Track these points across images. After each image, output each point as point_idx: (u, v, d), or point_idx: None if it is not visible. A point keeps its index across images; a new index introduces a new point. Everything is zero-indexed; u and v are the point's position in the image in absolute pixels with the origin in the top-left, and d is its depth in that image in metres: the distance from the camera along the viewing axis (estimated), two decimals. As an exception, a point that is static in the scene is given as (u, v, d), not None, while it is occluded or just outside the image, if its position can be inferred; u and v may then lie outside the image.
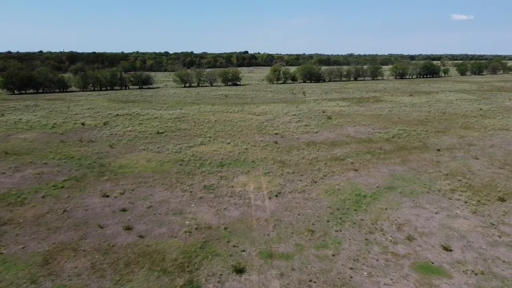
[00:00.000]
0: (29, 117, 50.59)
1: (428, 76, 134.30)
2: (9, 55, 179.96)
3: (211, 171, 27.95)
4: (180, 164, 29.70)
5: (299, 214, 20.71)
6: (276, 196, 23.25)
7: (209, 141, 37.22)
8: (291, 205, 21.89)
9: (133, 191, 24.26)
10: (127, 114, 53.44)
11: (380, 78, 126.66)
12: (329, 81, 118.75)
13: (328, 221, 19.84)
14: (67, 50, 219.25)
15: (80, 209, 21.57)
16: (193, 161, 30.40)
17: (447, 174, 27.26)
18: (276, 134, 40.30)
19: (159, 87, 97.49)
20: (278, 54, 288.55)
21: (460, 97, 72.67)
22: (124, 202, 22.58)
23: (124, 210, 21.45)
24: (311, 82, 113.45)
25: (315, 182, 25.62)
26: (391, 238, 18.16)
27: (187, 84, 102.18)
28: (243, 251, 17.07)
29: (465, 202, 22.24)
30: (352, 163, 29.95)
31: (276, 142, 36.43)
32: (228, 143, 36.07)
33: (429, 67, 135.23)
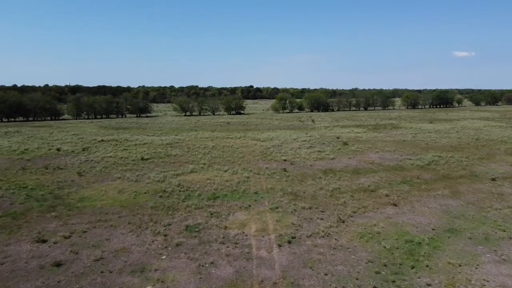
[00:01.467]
0: (1, 143, 44.19)
1: (442, 106, 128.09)
2: (10, 87, 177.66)
3: (198, 206, 20.70)
4: (160, 196, 22.55)
5: (326, 274, 13.25)
6: (289, 242, 15.86)
7: (202, 168, 30.16)
8: (313, 258, 14.45)
9: (84, 233, 17.02)
10: (113, 140, 46.88)
11: (391, 107, 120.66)
12: (338, 110, 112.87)
13: (375, 288, 12.35)
14: (73, 84, 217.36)
15: (-6, 263, 14.30)
16: (178, 192, 23.23)
17: (523, 211, 19.77)
18: (285, 160, 33.21)
19: (157, 116, 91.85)
20: (284, 88, 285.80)
21: (487, 124, 65.63)
22: (64, 251, 15.29)
23: (58, 264, 14.13)
24: (318, 112, 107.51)
25: (343, 222, 18.23)
26: (491, 323, 10.59)
27: (188, 113, 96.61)
28: None
29: None
30: (387, 195, 22.58)
31: (285, 170, 29.29)
32: (226, 171, 28.99)
33: (442, 97, 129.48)
